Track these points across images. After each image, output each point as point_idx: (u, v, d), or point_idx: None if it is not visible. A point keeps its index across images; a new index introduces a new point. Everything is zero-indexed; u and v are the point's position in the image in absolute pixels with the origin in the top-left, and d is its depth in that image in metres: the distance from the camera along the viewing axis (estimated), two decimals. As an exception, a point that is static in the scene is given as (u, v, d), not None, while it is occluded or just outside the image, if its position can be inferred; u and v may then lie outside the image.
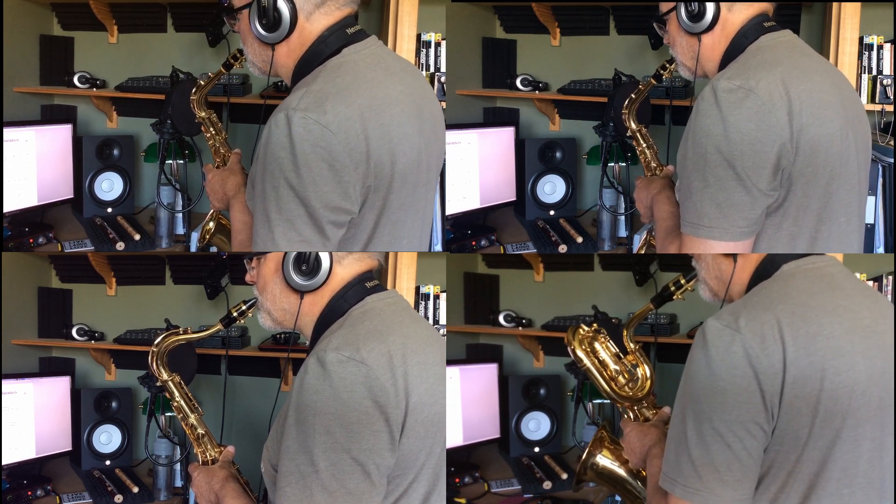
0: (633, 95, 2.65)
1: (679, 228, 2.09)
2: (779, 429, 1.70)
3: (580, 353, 2.25)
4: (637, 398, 2.23)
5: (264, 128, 1.94)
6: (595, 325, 2.30)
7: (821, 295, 1.78)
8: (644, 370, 2.25)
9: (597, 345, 2.28)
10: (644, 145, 2.62)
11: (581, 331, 2.27)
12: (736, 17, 2.13)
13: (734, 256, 1.91)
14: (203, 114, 2.62)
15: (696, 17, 2.14)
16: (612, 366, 2.26)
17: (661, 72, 2.56)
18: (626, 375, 2.25)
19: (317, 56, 2.04)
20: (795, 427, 1.69)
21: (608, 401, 3.38)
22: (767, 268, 1.86)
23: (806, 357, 1.69)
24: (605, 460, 2.28)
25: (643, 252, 2.80)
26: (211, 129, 2.61)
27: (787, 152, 1.94)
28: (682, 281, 2.17)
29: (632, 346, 2.27)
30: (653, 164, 2.60)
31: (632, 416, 2.23)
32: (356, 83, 1.98)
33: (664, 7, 2.24)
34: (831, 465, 1.71)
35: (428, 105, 2.13)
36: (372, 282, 1.98)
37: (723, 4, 2.12)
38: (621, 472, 2.26)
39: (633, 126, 2.64)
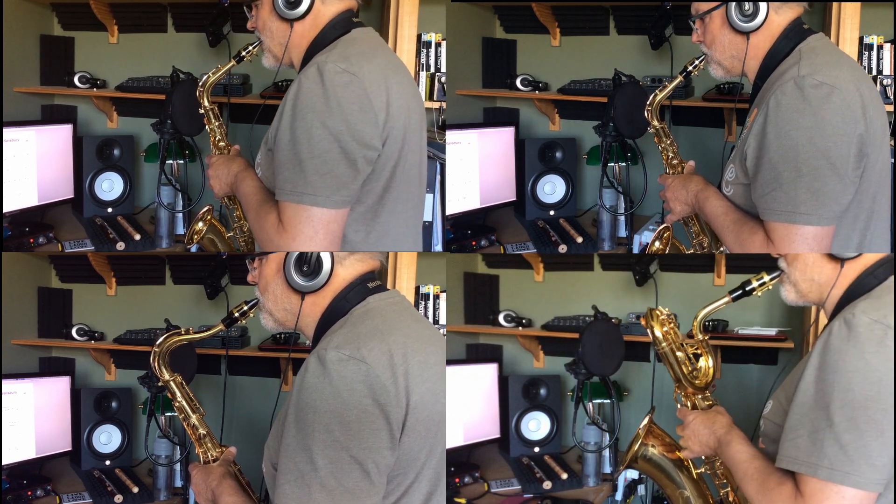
0: (657, 92, 2.65)
1: (742, 221, 2.23)
2: None
3: (659, 334, 2.25)
4: (701, 386, 2.24)
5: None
6: (668, 310, 2.30)
7: None
8: (707, 361, 2.25)
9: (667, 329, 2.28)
10: (667, 141, 2.63)
11: (659, 312, 2.27)
12: (782, 18, 2.29)
13: (841, 262, 1.98)
14: (208, 104, 2.64)
15: (750, 15, 2.28)
16: (678, 353, 2.25)
17: (690, 68, 2.56)
18: (688, 364, 2.25)
19: (325, 39, 2.25)
20: None
21: (608, 401, 3.39)
22: (869, 279, 1.96)
23: None
24: (654, 450, 2.30)
25: (655, 247, 2.78)
26: (214, 121, 2.63)
27: (866, 141, 2.13)
28: (766, 278, 2.13)
29: (700, 336, 2.25)
30: (674, 161, 2.61)
31: (689, 405, 2.24)
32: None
33: (704, 6, 2.35)
34: None
35: None
36: (374, 282, 1.98)
37: (772, 5, 2.26)
38: (667, 461, 2.29)
39: (657, 123, 2.65)
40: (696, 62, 2.51)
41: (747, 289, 2.15)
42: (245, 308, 2.16)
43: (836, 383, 1.80)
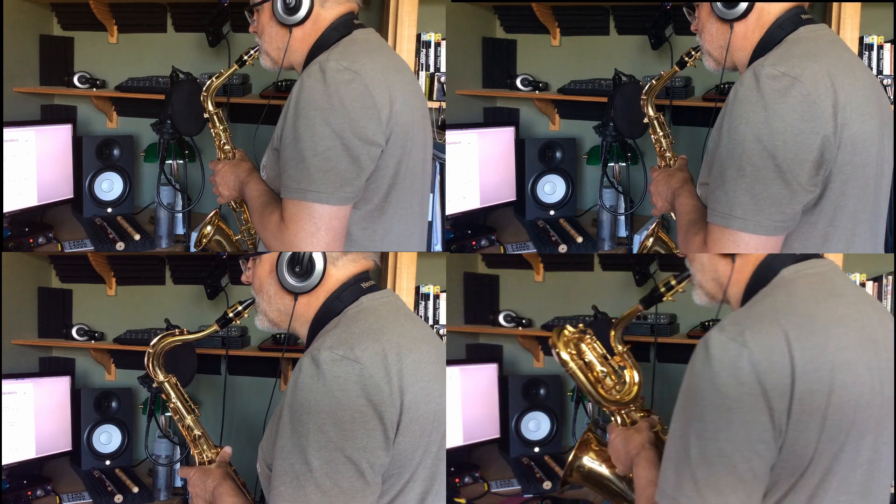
0: (653, 82, 2.62)
1: (694, 222, 2.07)
2: (786, 446, 1.61)
3: (564, 356, 2.13)
4: (624, 401, 2.13)
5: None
6: (581, 325, 2.20)
7: (825, 303, 1.71)
8: (632, 373, 2.15)
9: (583, 346, 2.17)
10: (661, 133, 2.61)
11: (566, 332, 2.16)
12: (773, 7, 2.09)
13: (732, 257, 1.83)
14: (212, 109, 2.65)
15: (732, 3, 2.11)
16: (599, 367, 2.15)
17: (686, 59, 2.52)
18: (614, 378, 2.15)
19: (326, 42, 2.24)
20: (803, 443, 1.61)
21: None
22: (765, 271, 1.79)
23: (814, 371, 1.61)
24: (591, 462, 2.21)
25: (649, 243, 2.77)
26: (218, 125, 2.64)
27: (831, 146, 1.89)
28: (673, 282, 2.06)
29: (619, 347, 2.16)
30: (668, 154, 2.59)
31: (619, 421, 2.14)
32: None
33: None
34: (831, 477, 1.65)
35: None
36: (368, 282, 1.98)
37: None
38: (607, 473, 2.19)
39: (652, 113, 2.62)
40: (693, 53, 2.48)
41: (654, 296, 2.08)
42: (239, 308, 2.16)
43: (692, 411, 1.64)
